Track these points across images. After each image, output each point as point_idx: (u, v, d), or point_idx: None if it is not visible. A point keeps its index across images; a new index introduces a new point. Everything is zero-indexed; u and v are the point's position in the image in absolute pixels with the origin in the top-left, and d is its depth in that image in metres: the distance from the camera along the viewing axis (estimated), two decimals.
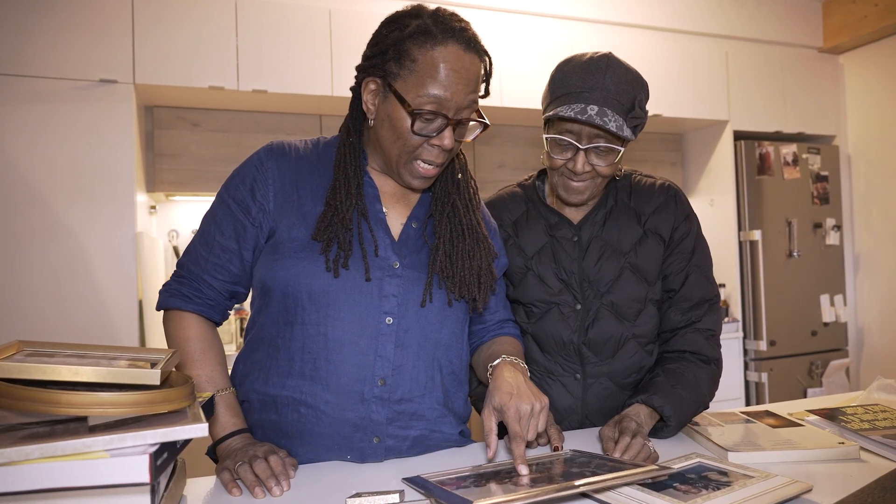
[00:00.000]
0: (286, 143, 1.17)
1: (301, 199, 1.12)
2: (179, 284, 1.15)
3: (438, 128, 1.05)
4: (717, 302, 1.34)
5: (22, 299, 2.21)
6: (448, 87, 1.02)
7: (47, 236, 2.25)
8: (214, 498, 0.96)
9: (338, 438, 1.08)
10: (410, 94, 1.03)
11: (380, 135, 1.10)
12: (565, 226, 1.35)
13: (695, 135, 3.81)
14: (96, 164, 2.30)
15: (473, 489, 0.90)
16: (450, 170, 1.19)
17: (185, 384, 0.87)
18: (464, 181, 1.20)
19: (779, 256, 3.58)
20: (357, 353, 1.07)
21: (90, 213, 2.30)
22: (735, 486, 0.88)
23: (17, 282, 2.21)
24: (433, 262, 1.13)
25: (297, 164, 1.14)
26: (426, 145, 1.07)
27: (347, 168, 1.12)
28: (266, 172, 1.12)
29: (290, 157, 1.15)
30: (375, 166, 1.18)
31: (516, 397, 1.01)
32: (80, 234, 2.28)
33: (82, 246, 2.28)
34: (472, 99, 1.06)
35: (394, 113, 1.05)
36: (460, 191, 1.19)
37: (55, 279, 2.25)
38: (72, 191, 2.28)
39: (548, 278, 1.34)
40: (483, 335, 1.31)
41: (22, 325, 2.20)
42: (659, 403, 1.18)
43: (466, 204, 1.18)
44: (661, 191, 1.36)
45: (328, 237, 1.07)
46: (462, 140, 1.11)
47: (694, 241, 1.34)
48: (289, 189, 1.12)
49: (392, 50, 1.04)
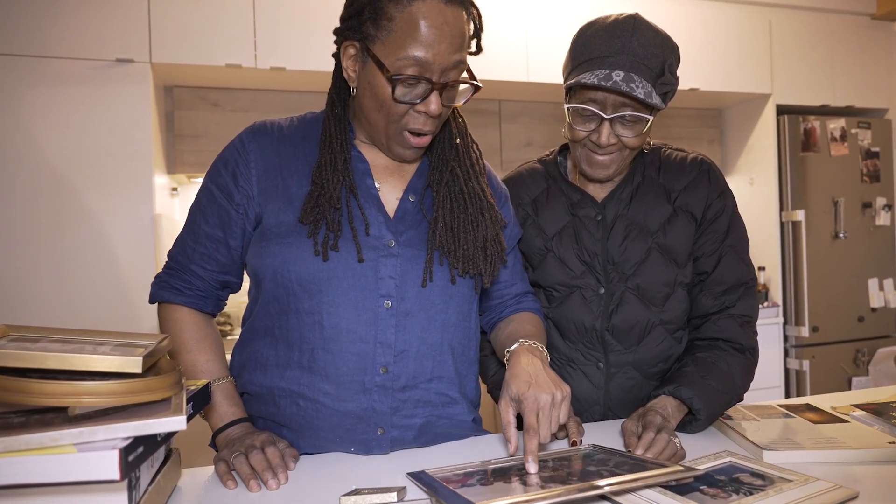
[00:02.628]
0: (269, 122, 1.10)
1: (286, 181, 1.05)
2: (169, 276, 1.11)
3: (423, 93, 0.97)
4: (753, 286, 1.23)
5: (42, 282, 2.22)
6: (429, 46, 0.93)
7: (68, 218, 2.24)
8: (209, 490, 0.92)
9: (339, 431, 1.02)
10: (389, 58, 0.95)
11: (363, 104, 1.03)
12: (588, 204, 1.26)
13: (735, 110, 3.63)
14: (114, 145, 2.28)
15: (479, 488, 0.83)
16: (446, 135, 1.11)
17: (170, 372, 0.82)
18: (463, 146, 1.12)
19: (823, 238, 3.39)
20: (356, 341, 1.01)
21: (109, 194, 2.28)
22: (769, 492, 0.79)
23: (37, 265, 2.21)
24: (432, 236, 1.05)
25: (279, 144, 1.08)
26: (412, 112, 0.99)
27: (333, 143, 1.04)
28: (248, 156, 1.06)
29: (273, 136, 1.08)
30: (364, 139, 1.10)
31: (535, 387, 0.94)
32: (100, 216, 2.27)
33: (102, 228, 2.27)
34: (458, 59, 0.97)
35: (374, 80, 0.97)
36: (460, 157, 1.10)
37: (76, 262, 2.25)
38: (90, 172, 2.26)
39: (569, 260, 1.25)
40: (501, 311, 1.23)
41: (42, 308, 2.21)
42: (687, 395, 1.09)
43: (468, 170, 1.10)
44: (692, 165, 1.25)
45: (315, 218, 1.01)
46: (452, 105, 1.03)
47: (729, 220, 1.23)
48: (272, 171, 1.06)
49: (368, 9, 0.96)
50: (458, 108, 1.13)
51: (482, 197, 1.10)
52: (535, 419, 0.91)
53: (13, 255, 2.19)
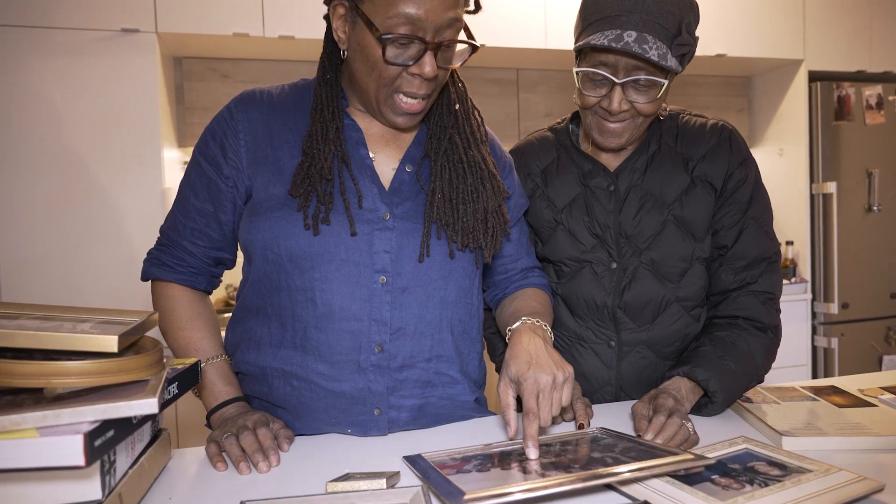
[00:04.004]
0: (258, 90, 1.05)
1: (276, 152, 1.00)
2: (160, 252, 1.07)
3: (416, 54, 0.90)
4: (776, 260, 1.15)
5: (50, 256, 2.21)
6: (421, 3, 0.86)
7: (76, 192, 2.23)
8: (199, 473, 0.89)
9: (334, 412, 0.98)
10: (379, 17, 0.88)
11: (354, 68, 0.96)
12: (600, 174, 1.19)
13: (764, 77, 3.47)
14: (122, 118, 2.25)
15: (475, 475, 0.79)
16: (445, 100, 1.04)
17: (151, 351, 0.79)
18: (463, 112, 1.05)
19: (856, 211, 3.25)
20: (349, 319, 0.96)
21: (117, 168, 2.26)
22: (787, 483, 0.73)
23: (45, 239, 2.21)
24: (429, 208, 1.00)
25: (269, 113, 1.02)
26: (405, 75, 0.93)
27: (324, 110, 0.99)
28: (236, 126, 1.01)
29: (263, 105, 1.02)
30: (358, 106, 1.04)
31: (535, 367, 0.88)
32: (109, 190, 2.25)
33: (111, 202, 2.25)
34: (452, 16, 0.90)
35: (364, 40, 0.91)
36: (459, 124, 1.04)
37: (84, 236, 2.24)
38: (99, 146, 2.24)
39: (580, 233, 1.19)
40: (506, 287, 1.18)
41: (50, 282, 2.21)
42: (703, 377, 1.03)
43: (468, 138, 1.04)
44: (713, 132, 1.17)
45: (306, 191, 0.95)
46: (449, 67, 0.96)
47: (751, 190, 1.15)
48: (262, 142, 1.00)
49: None
50: (457, 72, 1.06)
51: (483, 166, 1.04)
52: (535, 402, 0.86)
53: (21, 228, 2.19)
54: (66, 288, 2.21)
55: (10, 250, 2.18)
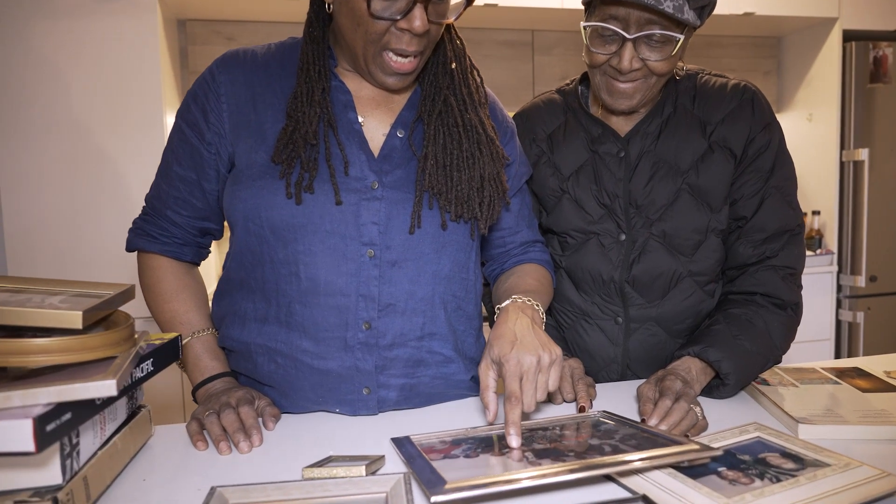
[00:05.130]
0: (242, 50, 0.98)
1: (260, 116, 0.93)
2: (145, 222, 1.03)
3: (404, 7, 0.83)
4: (799, 233, 1.07)
5: (53, 223, 2.18)
6: None
7: (80, 157, 2.19)
8: (179, 451, 0.85)
9: (321, 391, 0.94)
10: None
11: (340, 24, 0.89)
12: (610, 139, 1.11)
13: (795, 37, 3.29)
14: (124, 82, 2.19)
15: (462, 461, 0.74)
16: (440, 59, 0.97)
17: (120, 327, 0.74)
18: (460, 71, 0.97)
19: (888, 179, 3.10)
20: (335, 294, 0.91)
21: (120, 133, 2.21)
22: (800, 478, 0.67)
23: (48, 205, 2.18)
24: (421, 176, 0.93)
25: (253, 74, 0.95)
26: (394, 30, 0.85)
27: (310, 70, 0.92)
28: (218, 89, 0.94)
29: (246, 65, 0.96)
30: (347, 66, 0.97)
31: (518, 347, 0.82)
32: (112, 156, 2.21)
33: (115, 168, 2.21)
34: None
35: None
36: (455, 84, 0.96)
37: (88, 202, 2.20)
38: (102, 110, 2.19)
39: (586, 203, 1.11)
40: (504, 261, 1.11)
41: (53, 250, 2.19)
42: (715, 357, 0.96)
43: (464, 100, 0.96)
44: (733, 93, 1.08)
45: (289, 157, 0.89)
46: (442, 21, 0.88)
47: (774, 157, 1.06)
48: (245, 106, 0.94)
49: None
50: (454, 28, 0.98)
51: (481, 130, 0.96)
52: (517, 385, 0.80)
53: (26, 194, 2.16)
54: (72, 254, 2.19)
55: (15, 215, 2.16)
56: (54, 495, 0.62)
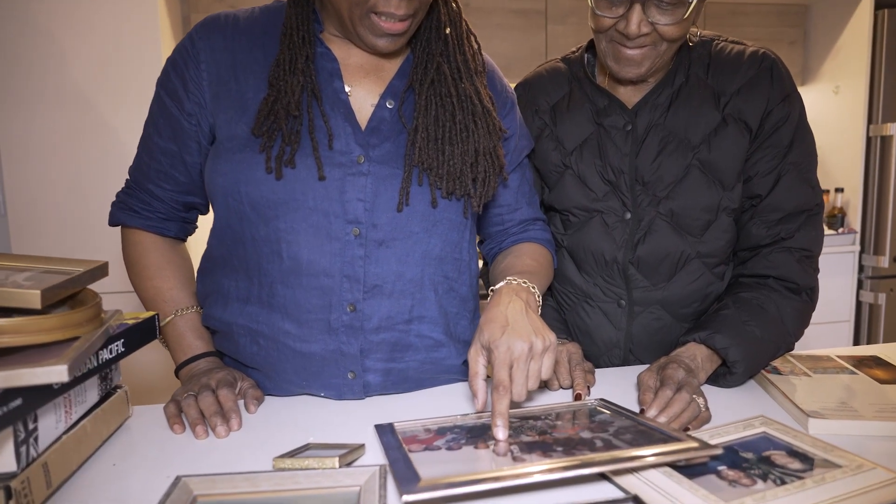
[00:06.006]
0: (224, 14, 0.92)
1: (241, 85, 0.88)
2: (127, 196, 0.98)
3: None
4: (817, 213, 1.00)
5: (58, 196, 2.17)
6: None
7: (85, 129, 2.16)
8: (155, 435, 0.82)
9: (305, 374, 0.90)
10: None
11: None
12: (616, 110, 1.04)
13: (823, 4, 3.14)
14: (125, 52, 2.14)
15: (443, 453, 0.69)
16: (433, 23, 0.90)
17: (82, 308, 0.70)
18: (455, 37, 0.91)
19: None
20: (318, 274, 0.86)
21: (124, 106, 2.17)
22: (807, 481, 0.62)
23: (53, 178, 2.16)
24: (411, 149, 0.87)
25: (234, 40, 0.89)
26: None
27: (294, 36, 0.86)
28: (198, 55, 0.89)
29: (227, 31, 0.89)
30: (334, 31, 0.90)
31: (509, 333, 0.77)
32: (117, 128, 2.17)
33: (119, 141, 2.17)
34: None
35: None
36: (449, 51, 0.90)
37: (92, 175, 2.17)
38: (104, 82, 2.15)
39: (590, 179, 1.05)
40: (502, 240, 1.06)
41: (56, 222, 2.17)
42: (723, 344, 0.90)
43: (458, 67, 0.90)
44: (751, 61, 1.00)
45: (269, 129, 0.84)
46: None
47: (793, 131, 0.99)
48: (225, 74, 0.88)
49: None
50: None
51: (476, 101, 0.90)
52: (505, 373, 0.75)
53: (29, 166, 2.14)
54: (74, 226, 2.17)
55: (18, 188, 2.14)
56: (7, 484, 0.59)
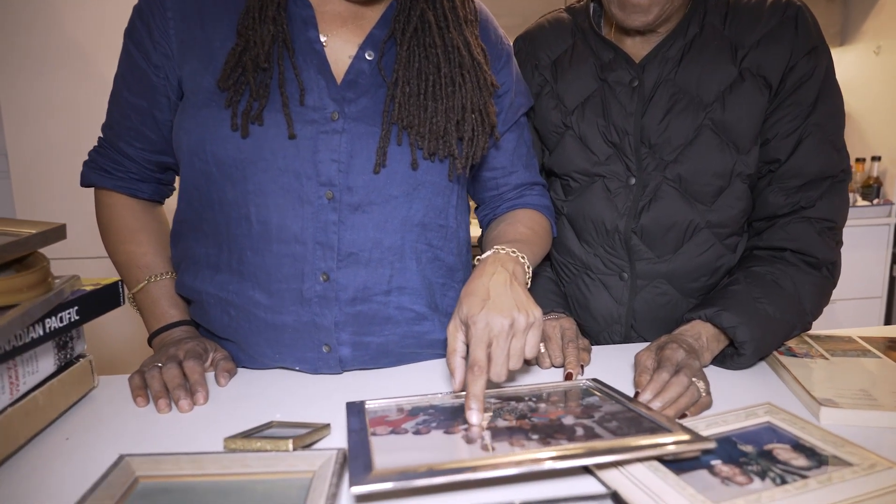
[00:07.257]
0: None
1: (208, 34, 0.81)
2: (98, 155, 0.93)
3: None
4: (843, 180, 0.91)
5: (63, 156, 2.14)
6: None
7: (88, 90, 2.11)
8: (117, 408, 0.78)
9: (278, 347, 0.85)
10: None
11: None
12: (622, 65, 0.95)
13: None
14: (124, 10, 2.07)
15: (409, 437, 0.64)
16: None
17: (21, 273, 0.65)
18: None
19: None
20: (289, 241, 0.80)
21: None
22: (811, 481, 0.55)
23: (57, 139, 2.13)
24: (390, 105, 0.80)
25: None
26: None
27: None
28: (164, 2, 0.81)
29: None
30: None
31: (489, 308, 0.70)
32: None
33: None
34: None
35: None
36: None
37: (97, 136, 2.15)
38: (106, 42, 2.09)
39: (592, 141, 0.97)
40: (497, 206, 0.99)
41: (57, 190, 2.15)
42: (730, 323, 0.83)
43: (445, 15, 0.82)
44: (773, 10, 0.89)
45: (236, 82, 0.77)
46: None
47: (818, 89, 0.89)
48: (192, 22, 0.81)
49: None
50: None
51: (464, 52, 0.82)
52: (482, 352, 0.68)
53: (29, 128, 2.12)
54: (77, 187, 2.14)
55: (21, 149, 2.12)
56: None
